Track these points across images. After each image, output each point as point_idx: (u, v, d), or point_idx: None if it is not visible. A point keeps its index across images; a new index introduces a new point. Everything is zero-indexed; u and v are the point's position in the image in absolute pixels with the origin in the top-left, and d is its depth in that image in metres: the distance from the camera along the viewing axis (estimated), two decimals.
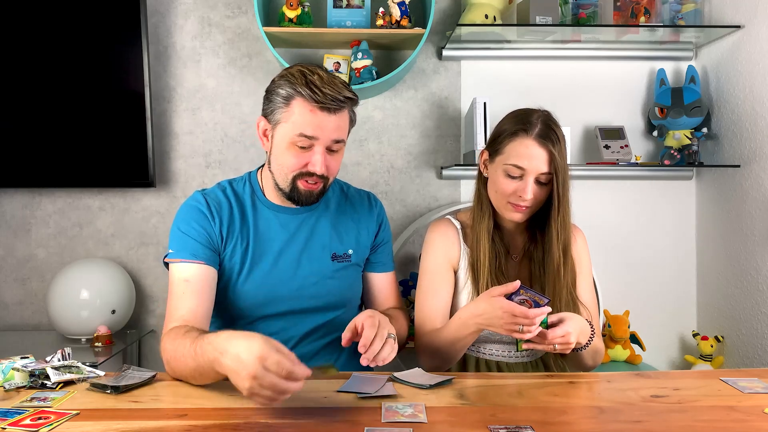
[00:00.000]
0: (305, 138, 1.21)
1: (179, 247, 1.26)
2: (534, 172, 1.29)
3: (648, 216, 2.34)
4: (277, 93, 1.23)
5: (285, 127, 1.23)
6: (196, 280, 1.24)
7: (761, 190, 1.97)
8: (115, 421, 0.92)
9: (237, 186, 1.37)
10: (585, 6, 2.16)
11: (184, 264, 1.24)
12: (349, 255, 1.38)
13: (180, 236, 1.27)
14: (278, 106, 1.23)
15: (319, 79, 1.21)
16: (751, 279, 2.03)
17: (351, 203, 1.43)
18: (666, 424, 0.93)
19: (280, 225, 1.34)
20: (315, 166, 1.23)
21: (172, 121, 2.26)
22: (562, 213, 1.33)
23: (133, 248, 2.27)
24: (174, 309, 1.22)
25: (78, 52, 2.12)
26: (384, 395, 1.03)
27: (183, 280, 1.23)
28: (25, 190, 2.24)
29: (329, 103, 1.20)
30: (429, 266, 1.42)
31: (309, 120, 1.21)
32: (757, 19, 1.98)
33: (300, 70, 1.24)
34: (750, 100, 2.02)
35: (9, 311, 2.25)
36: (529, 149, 1.29)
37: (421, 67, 2.29)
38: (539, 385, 1.12)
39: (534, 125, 1.30)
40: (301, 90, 1.20)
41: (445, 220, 1.46)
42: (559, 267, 1.34)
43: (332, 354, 1.36)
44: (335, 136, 1.24)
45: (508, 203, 1.33)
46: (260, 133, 1.30)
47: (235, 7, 2.26)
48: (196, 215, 1.29)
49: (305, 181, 1.26)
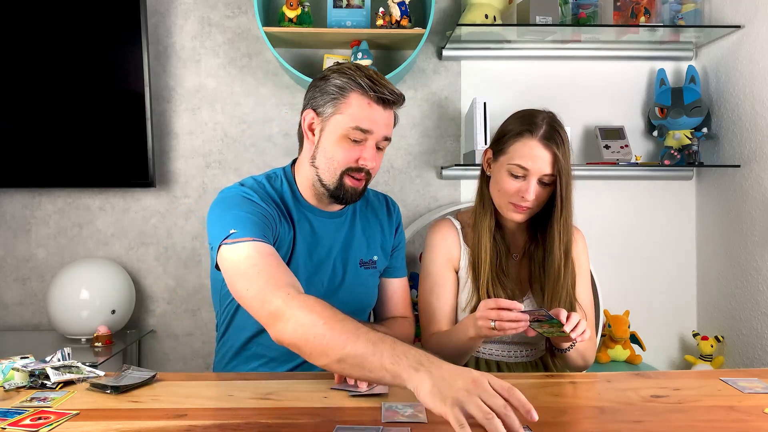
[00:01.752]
0: (360, 131, 1.20)
1: (245, 226, 1.11)
2: (537, 173, 1.29)
3: (648, 216, 2.34)
4: (332, 84, 1.21)
5: (340, 119, 1.20)
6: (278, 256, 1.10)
7: (761, 190, 1.97)
8: (115, 421, 0.92)
9: (275, 183, 1.30)
10: (585, 6, 2.16)
11: (258, 242, 1.09)
12: (375, 261, 1.36)
13: (242, 216, 1.13)
14: (332, 98, 1.20)
15: (375, 74, 1.21)
16: (751, 279, 2.03)
17: (372, 208, 1.41)
18: (666, 424, 0.93)
19: (321, 229, 1.30)
20: (366, 160, 1.21)
21: (172, 121, 2.26)
22: (565, 215, 1.33)
23: (133, 248, 2.27)
24: (277, 274, 1.03)
25: (78, 52, 2.12)
26: (376, 393, 1.03)
27: (267, 254, 1.07)
28: (25, 190, 2.24)
29: (387, 95, 1.19)
30: (431, 268, 1.43)
31: (366, 113, 1.19)
32: (757, 19, 1.98)
33: (354, 64, 1.23)
34: (750, 100, 2.02)
35: (9, 311, 2.25)
36: (533, 150, 1.29)
37: (421, 67, 2.29)
38: (539, 385, 1.12)
39: (539, 126, 1.30)
40: (361, 81, 1.18)
41: (445, 221, 1.47)
42: (559, 268, 1.34)
43: None
44: (387, 132, 1.23)
45: (509, 203, 1.33)
46: (305, 127, 1.26)
47: (235, 7, 2.26)
48: (253, 198, 1.19)
49: (352, 177, 1.23)
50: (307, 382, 1.12)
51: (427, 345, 1.39)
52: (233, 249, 1.08)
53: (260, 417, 0.94)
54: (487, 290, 1.35)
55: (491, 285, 1.35)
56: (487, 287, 1.35)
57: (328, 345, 0.92)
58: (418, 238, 2.28)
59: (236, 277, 1.07)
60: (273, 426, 0.90)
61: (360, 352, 0.90)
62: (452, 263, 1.42)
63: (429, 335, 1.39)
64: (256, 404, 1.00)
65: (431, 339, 1.38)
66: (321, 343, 0.93)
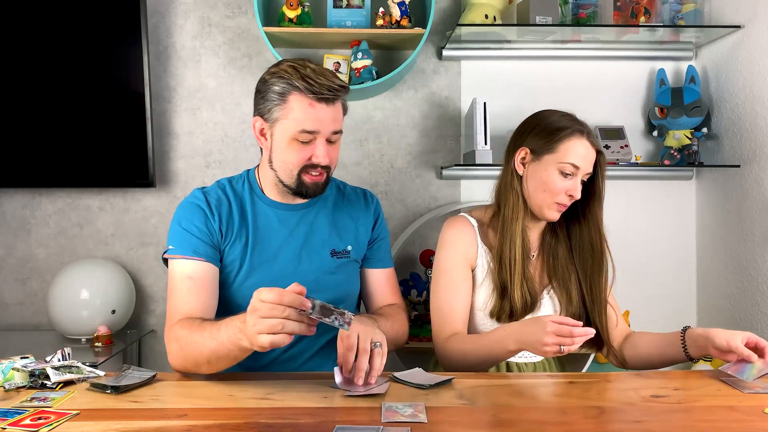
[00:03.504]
0: (307, 133, 1.22)
1: (180, 243, 1.26)
2: (585, 171, 1.34)
3: (648, 216, 2.34)
4: (272, 90, 1.23)
5: (285, 124, 1.23)
6: (199, 277, 1.24)
7: (761, 190, 1.97)
8: (115, 421, 0.92)
9: (236, 184, 1.37)
10: (585, 6, 2.16)
11: (186, 261, 1.25)
12: (348, 251, 1.38)
13: (181, 233, 1.27)
14: (275, 104, 1.23)
15: (312, 71, 1.22)
16: (751, 279, 2.03)
17: (348, 200, 1.44)
18: (666, 424, 0.93)
19: (279, 221, 1.35)
20: (319, 158, 1.24)
21: (172, 121, 2.26)
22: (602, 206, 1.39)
23: (133, 248, 2.27)
24: (178, 305, 1.22)
25: (78, 52, 2.12)
26: (377, 394, 1.03)
27: (186, 276, 1.24)
28: (25, 190, 2.24)
29: (326, 94, 1.21)
30: (446, 265, 1.39)
31: (309, 114, 1.21)
32: (757, 19, 1.98)
33: (291, 65, 1.24)
34: (750, 100, 2.02)
35: (9, 311, 2.25)
36: (587, 150, 1.33)
37: (421, 67, 2.29)
38: (539, 385, 1.12)
39: (582, 125, 1.34)
40: (297, 84, 1.20)
41: (461, 218, 1.44)
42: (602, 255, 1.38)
43: (333, 351, 1.36)
44: (334, 127, 1.25)
45: (554, 203, 1.34)
46: (257, 133, 1.30)
47: (235, 7, 2.26)
48: (196, 212, 1.29)
49: (310, 175, 1.27)
50: (307, 382, 1.12)
51: (445, 347, 1.33)
52: (170, 264, 1.27)
53: (260, 417, 0.94)
54: (520, 292, 1.34)
55: (521, 287, 1.34)
56: (520, 289, 1.34)
57: (194, 358, 1.12)
58: (418, 238, 2.28)
59: (167, 291, 1.27)
60: (273, 426, 0.90)
61: (211, 347, 1.08)
62: (469, 261, 1.40)
63: (446, 337, 1.34)
64: (256, 404, 1.00)
65: (450, 341, 1.33)
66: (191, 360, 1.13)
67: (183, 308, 1.21)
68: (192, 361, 1.13)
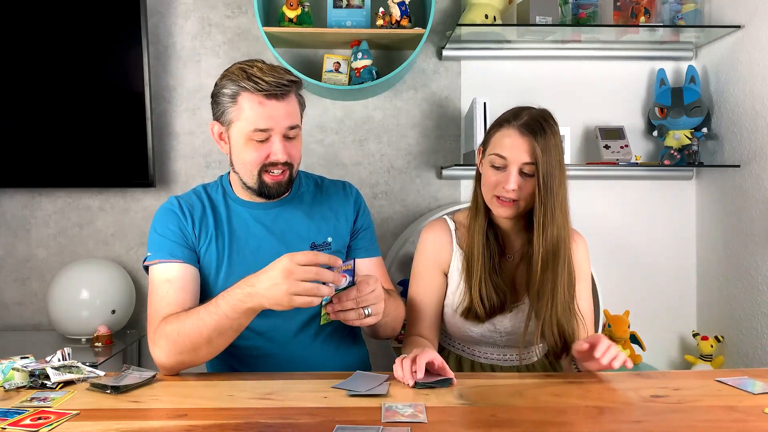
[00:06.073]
0: (260, 131, 1.23)
1: (157, 249, 1.27)
2: (516, 162, 1.26)
3: (648, 216, 2.34)
4: (223, 94, 1.25)
5: (238, 125, 1.24)
6: (178, 279, 1.25)
7: (761, 190, 1.97)
8: (115, 421, 0.92)
9: (210, 189, 1.40)
10: (585, 6, 2.16)
11: (164, 264, 1.25)
12: (329, 243, 1.38)
13: (156, 238, 1.29)
14: (227, 107, 1.25)
15: (259, 70, 1.23)
16: (751, 279, 2.03)
17: (326, 193, 1.45)
18: (666, 424, 0.93)
19: (255, 220, 1.35)
20: (276, 155, 1.25)
21: (172, 121, 2.26)
22: (548, 207, 1.25)
23: (133, 248, 2.27)
24: (159, 308, 1.22)
25: (78, 52, 2.12)
26: (377, 394, 1.03)
27: (165, 280, 1.24)
28: (25, 190, 2.24)
29: (274, 90, 1.21)
30: (419, 268, 1.45)
31: (259, 112, 1.22)
32: (757, 19, 1.98)
33: (239, 66, 1.26)
34: (750, 100, 2.02)
35: (9, 311, 2.25)
36: (511, 139, 1.27)
37: (421, 67, 2.29)
38: (539, 385, 1.12)
39: (520, 117, 1.29)
40: (244, 84, 1.21)
41: (439, 221, 1.46)
42: (543, 269, 1.28)
43: (329, 347, 1.36)
44: (288, 122, 1.25)
45: (494, 197, 1.31)
46: (216, 138, 1.32)
47: (235, 7, 2.26)
48: (169, 216, 1.31)
49: (270, 174, 1.27)
50: (307, 382, 1.12)
51: (405, 342, 1.40)
52: (150, 271, 1.28)
53: (260, 417, 0.94)
54: (479, 291, 1.33)
55: (483, 285, 1.33)
56: (480, 288, 1.33)
57: (191, 344, 1.13)
58: (418, 238, 2.28)
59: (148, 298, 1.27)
60: (273, 426, 0.90)
61: (211, 324, 1.11)
62: (441, 266, 1.42)
63: (409, 335, 1.41)
64: (256, 404, 1.00)
65: (407, 340, 1.39)
66: (187, 347, 1.13)
67: (164, 310, 1.21)
68: (189, 348, 1.13)
